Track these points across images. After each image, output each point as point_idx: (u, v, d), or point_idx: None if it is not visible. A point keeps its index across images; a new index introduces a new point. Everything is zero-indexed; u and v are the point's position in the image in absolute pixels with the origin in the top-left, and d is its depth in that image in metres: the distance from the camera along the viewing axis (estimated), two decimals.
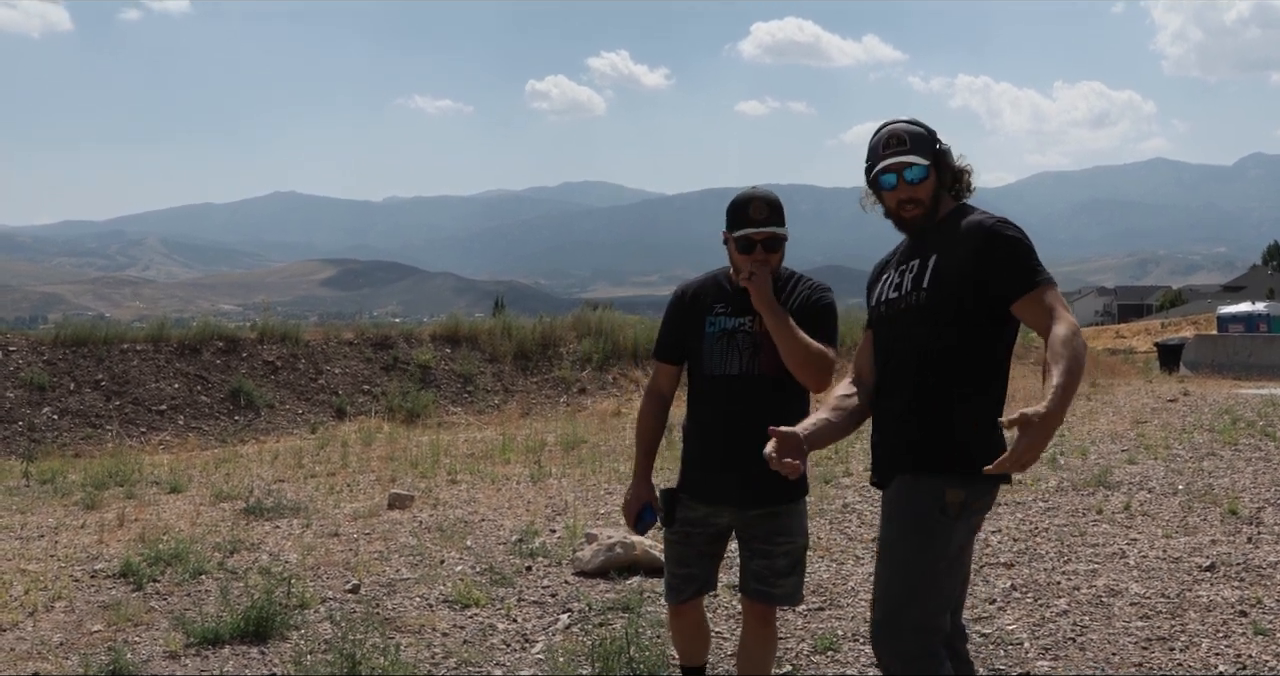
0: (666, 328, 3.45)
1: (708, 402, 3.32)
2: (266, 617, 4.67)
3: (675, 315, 3.42)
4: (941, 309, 2.75)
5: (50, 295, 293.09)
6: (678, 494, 3.37)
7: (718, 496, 3.30)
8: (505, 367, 16.36)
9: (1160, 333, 46.05)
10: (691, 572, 3.40)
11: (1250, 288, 74.83)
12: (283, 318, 16.67)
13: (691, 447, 3.39)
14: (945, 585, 2.75)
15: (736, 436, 3.21)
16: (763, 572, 3.31)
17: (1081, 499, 7.48)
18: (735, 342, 3.26)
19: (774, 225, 3.22)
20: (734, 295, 3.32)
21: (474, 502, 7.94)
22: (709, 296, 3.36)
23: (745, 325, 3.27)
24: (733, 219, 3.25)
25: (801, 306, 3.28)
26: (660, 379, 3.48)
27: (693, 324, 3.35)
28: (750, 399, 3.23)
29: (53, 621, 5.01)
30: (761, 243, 3.21)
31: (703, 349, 3.31)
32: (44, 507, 8.13)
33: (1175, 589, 5.17)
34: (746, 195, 3.26)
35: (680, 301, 3.41)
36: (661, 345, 3.47)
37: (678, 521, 3.36)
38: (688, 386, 3.44)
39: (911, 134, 2.87)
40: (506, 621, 4.93)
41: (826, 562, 5.84)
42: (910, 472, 2.75)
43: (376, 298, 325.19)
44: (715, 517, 3.34)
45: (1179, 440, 10.22)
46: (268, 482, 9.08)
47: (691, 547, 3.38)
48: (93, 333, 14.19)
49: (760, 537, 3.30)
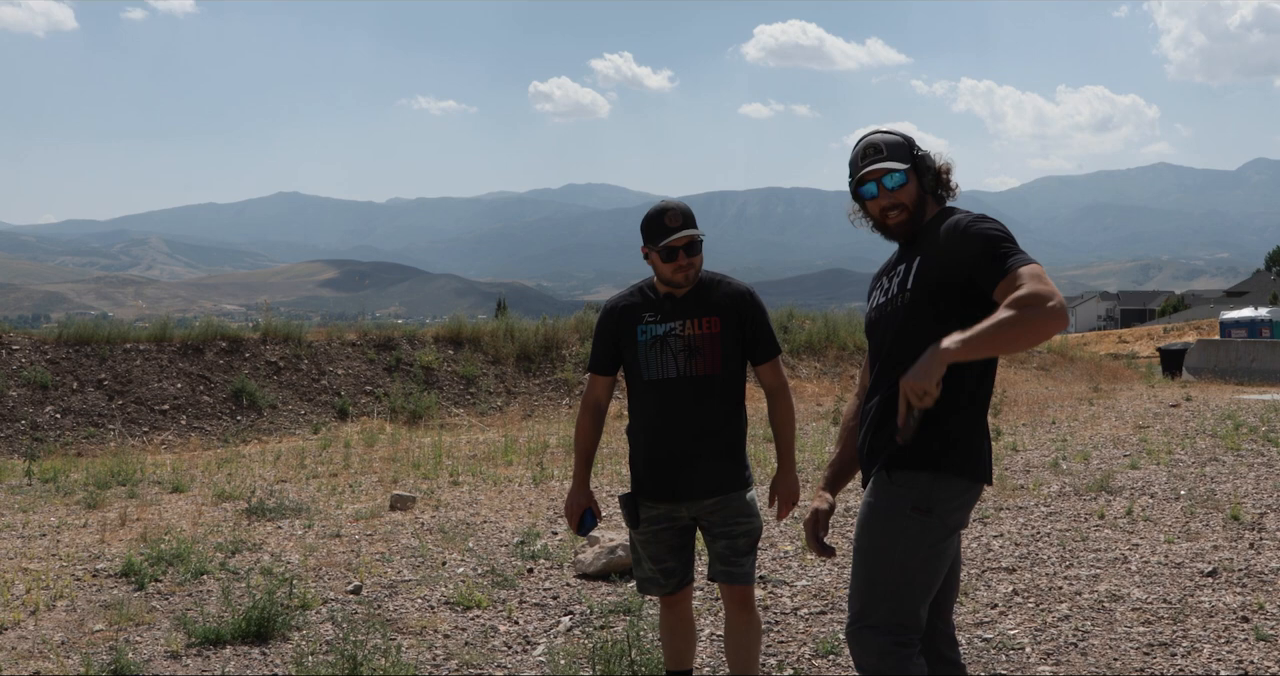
0: (599, 341, 3.58)
1: (652, 406, 3.46)
2: (268, 618, 4.68)
3: (607, 328, 3.55)
4: (923, 308, 2.76)
5: (53, 294, 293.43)
6: (636, 497, 3.51)
7: (675, 492, 3.44)
8: (508, 369, 16.37)
9: (1163, 338, 46.03)
10: (669, 566, 3.54)
11: (1253, 293, 74.79)
12: (285, 318, 16.70)
13: (639, 451, 3.53)
14: (918, 583, 2.72)
15: (681, 435, 3.41)
16: (726, 553, 3.46)
17: (1083, 503, 7.47)
18: (669, 347, 3.42)
19: (690, 229, 3.36)
20: (661, 303, 3.48)
21: (476, 504, 7.95)
22: (637, 307, 3.50)
23: (675, 329, 3.43)
24: (651, 233, 3.40)
25: (735, 304, 3.43)
26: (597, 390, 3.62)
27: (626, 334, 3.49)
28: (693, 398, 3.40)
29: (54, 620, 5.02)
30: (683, 248, 3.36)
31: (639, 356, 3.45)
32: (46, 506, 8.14)
33: (1177, 594, 5.17)
34: (659, 208, 3.43)
35: (611, 315, 3.55)
36: (596, 358, 3.59)
37: (642, 522, 3.50)
38: (628, 394, 3.57)
39: (888, 142, 2.90)
40: (508, 623, 4.93)
41: (828, 566, 5.83)
42: (885, 469, 2.76)
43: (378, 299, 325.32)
44: (675, 513, 3.48)
45: (1181, 445, 10.21)
46: (270, 483, 9.09)
47: (662, 543, 3.52)
48: (95, 332, 14.21)
49: (720, 522, 3.45)
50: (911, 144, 2.93)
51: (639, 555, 3.59)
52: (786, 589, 5.45)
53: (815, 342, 19.14)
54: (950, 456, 2.71)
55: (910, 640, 2.70)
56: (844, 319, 20.79)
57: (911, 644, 2.70)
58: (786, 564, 5.96)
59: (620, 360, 3.54)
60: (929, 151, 2.94)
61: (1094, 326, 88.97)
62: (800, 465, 9.40)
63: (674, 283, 3.43)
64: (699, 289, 3.46)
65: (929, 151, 2.94)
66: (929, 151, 2.94)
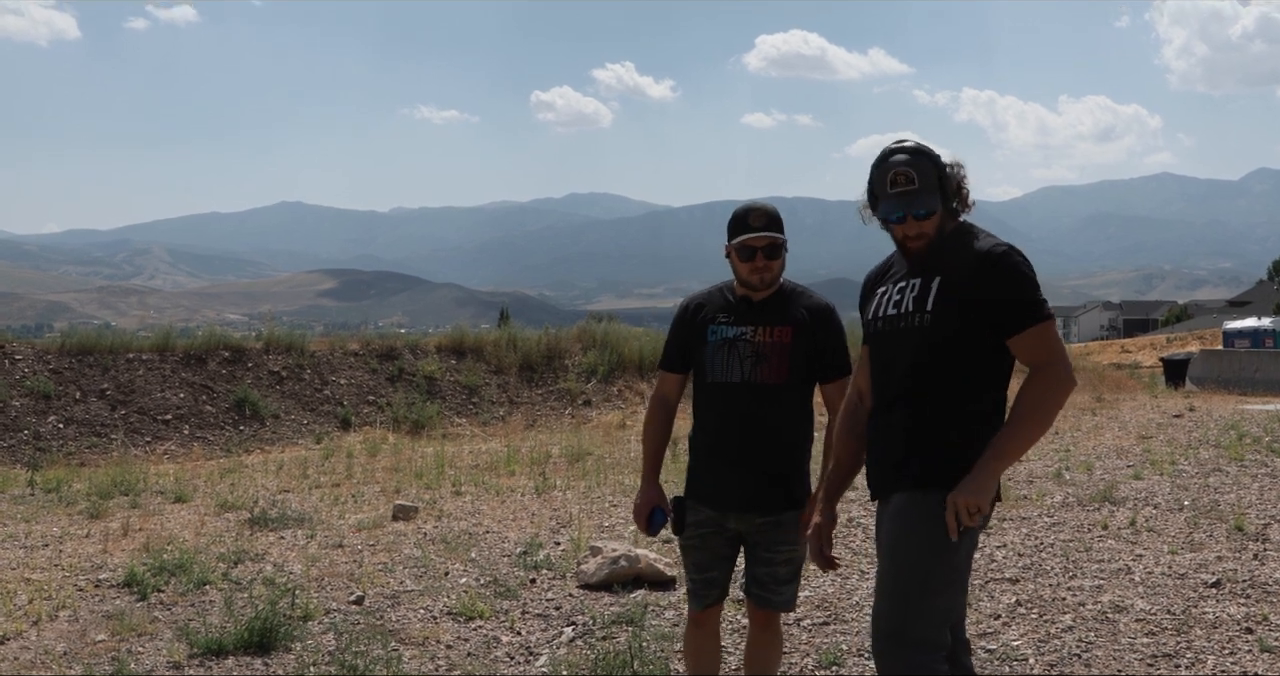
0: (672, 338, 3.56)
1: (712, 409, 3.41)
2: (270, 628, 4.67)
3: (680, 325, 3.52)
4: (945, 331, 2.77)
5: (56, 304, 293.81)
6: (685, 501, 3.45)
7: (724, 502, 3.38)
8: (510, 379, 16.37)
9: (1166, 347, 45.97)
10: (712, 577, 3.47)
11: (1256, 303, 74.65)
12: (288, 327, 16.70)
13: (698, 454, 3.46)
14: (948, 599, 2.77)
15: (741, 442, 3.33)
16: (765, 579, 3.40)
17: (1087, 514, 7.46)
18: (736, 351, 3.35)
19: (773, 232, 3.31)
20: (736, 305, 3.42)
21: (478, 514, 7.94)
22: (712, 307, 3.46)
23: (746, 334, 3.36)
24: (733, 229, 3.36)
25: (812, 318, 3.38)
26: (665, 386, 3.58)
27: (696, 333, 3.44)
28: (753, 405, 3.33)
29: (57, 631, 5.01)
30: (761, 249, 3.31)
31: (706, 357, 3.40)
32: (48, 516, 8.14)
33: (1181, 605, 5.16)
34: (746, 206, 3.40)
35: (685, 312, 3.52)
36: (667, 355, 3.57)
37: (688, 526, 3.43)
38: (693, 396, 3.52)
39: (919, 169, 2.81)
40: (510, 634, 4.93)
41: (830, 577, 5.82)
42: (913, 489, 2.77)
43: (381, 308, 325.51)
44: (723, 521, 3.40)
45: (1185, 456, 10.19)
46: (272, 493, 9.09)
47: (709, 551, 3.44)
48: (98, 341, 14.22)
49: (764, 544, 3.38)
50: (939, 165, 2.86)
51: (685, 563, 3.55)
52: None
53: None
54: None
55: (941, 656, 2.73)
56: (846, 328, 20.72)
57: (942, 660, 2.73)
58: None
59: (690, 359, 3.49)
60: (953, 163, 2.88)
61: (1097, 336, 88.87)
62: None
63: (750, 284, 3.36)
64: (778, 298, 3.39)
65: (953, 163, 2.88)
66: (953, 163, 2.88)
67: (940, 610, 2.73)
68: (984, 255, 2.76)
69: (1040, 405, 2.67)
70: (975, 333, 2.75)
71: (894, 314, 2.88)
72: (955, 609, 2.83)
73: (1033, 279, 2.74)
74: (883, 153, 2.90)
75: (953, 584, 2.76)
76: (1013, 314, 2.71)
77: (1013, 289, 2.72)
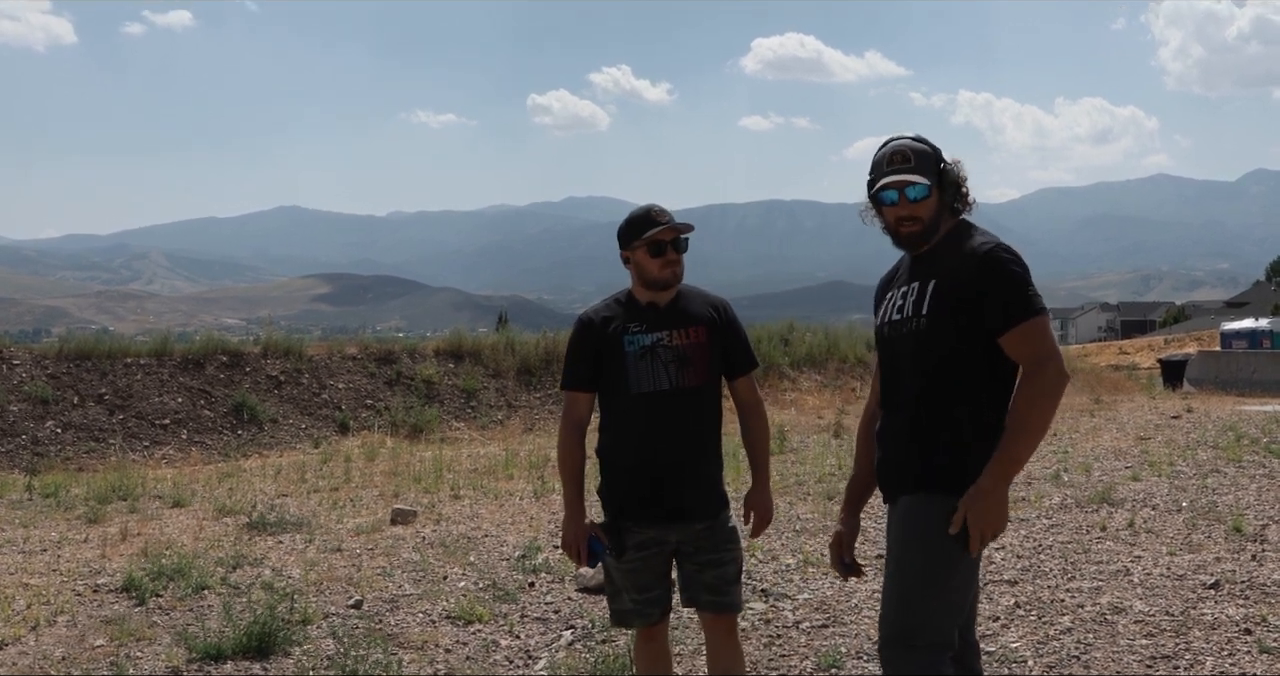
0: (579, 356, 3.34)
1: (637, 421, 3.26)
2: (269, 633, 4.67)
3: (586, 341, 3.33)
4: (940, 334, 2.77)
5: (54, 309, 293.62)
6: (620, 523, 3.28)
7: (664, 516, 3.25)
8: (508, 383, 16.37)
9: (1163, 349, 45.99)
10: (655, 595, 3.34)
11: (1253, 304, 74.73)
12: (286, 332, 16.68)
13: (621, 472, 3.30)
14: (956, 601, 2.77)
15: (674, 451, 3.24)
16: (716, 583, 3.29)
17: (1085, 516, 7.46)
18: (659, 357, 3.24)
19: (675, 225, 3.27)
20: (645, 312, 3.31)
21: (477, 518, 7.94)
22: (620, 317, 3.31)
23: (664, 339, 3.26)
24: (636, 229, 3.28)
25: (716, 314, 3.34)
26: (579, 408, 3.36)
27: (610, 346, 3.28)
28: (682, 411, 3.25)
29: (55, 636, 5.01)
30: (670, 243, 3.26)
31: (627, 368, 3.25)
32: (47, 521, 8.14)
33: (1180, 606, 5.16)
34: (643, 207, 3.32)
35: (589, 327, 3.33)
36: (575, 374, 3.35)
37: (628, 549, 3.27)
38: (605, 411, 3.36)
39: (916, 151, 2.86)
40: (509, 638, 4.93)
41: (830, 580, 5.82)
42: (919, 492, 2.77)
43: (379, 312, 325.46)
44: (666, 536, 3.28)
45: (1183, 457, 10.19)
46: (270, 497, 9.08)
47: (650, 571, 3.31)
48: (96, 346, 14.21)
49: (709, 548, 3.29)
50: (939, 156, 2.89)
51: (617, 587, 3.34)
52: (788, 602, 5.44)
53: (816, 355, 19.15)
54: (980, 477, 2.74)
55: (947, 658, 2.74)
56: (845, 331, 20.80)
57: (948, 661, 2.74)
58: (788, 577, 5.95)
59: (600, 374, 3.32)
60: (954, 161, 2.91)
61: (1094, 338, 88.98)
62: (801, 477, 9.39)
63: (660, 282, 3.26)
64: (679, 299, 3.32)
65: (954, 161, 2.91)
66: (954, 161, 2.91)
67: (946, 611, 2.73)
68: (971, 254, 2.77)
69: (1035, 407, 2.67)
70: (972, 334, 2.75)
71: (898, 318, 2.90)
72: (963, 610, 2.83)
73: (1022, 275, 2.73)
74: (884, 142, 2.95)
75: (959, 585, 2.76)
76: (1001, 311, 2.70)
77: (1000, 285, 2.71)
